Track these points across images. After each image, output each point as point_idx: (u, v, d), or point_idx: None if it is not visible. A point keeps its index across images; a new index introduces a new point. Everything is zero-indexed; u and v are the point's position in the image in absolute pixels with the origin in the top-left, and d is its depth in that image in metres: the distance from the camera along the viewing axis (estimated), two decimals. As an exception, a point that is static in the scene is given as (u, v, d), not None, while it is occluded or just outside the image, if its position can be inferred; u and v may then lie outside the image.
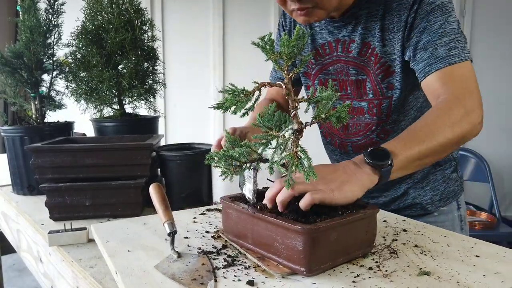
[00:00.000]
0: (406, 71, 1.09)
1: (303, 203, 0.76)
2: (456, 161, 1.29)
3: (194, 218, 1.05)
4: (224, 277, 0.72)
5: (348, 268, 0.76)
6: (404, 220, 1.04)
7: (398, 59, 1.08)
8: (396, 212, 1.19)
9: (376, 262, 0.79)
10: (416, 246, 0.87)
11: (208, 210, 1.11)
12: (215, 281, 0.71)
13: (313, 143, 1.11)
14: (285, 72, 0.77)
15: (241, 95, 0.74)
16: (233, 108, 0.74)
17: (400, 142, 0.90)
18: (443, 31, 0.99)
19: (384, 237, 0.92)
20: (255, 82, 0.76)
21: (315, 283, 0.71)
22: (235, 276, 0.73)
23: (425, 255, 0.82)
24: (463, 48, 0.99)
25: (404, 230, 0.96)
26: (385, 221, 1.03)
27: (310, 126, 0.80)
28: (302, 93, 1.33)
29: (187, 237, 0.92)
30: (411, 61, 1.04)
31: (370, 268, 0.76)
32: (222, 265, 0.77)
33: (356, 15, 1.10)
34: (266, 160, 0.82)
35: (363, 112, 1.19)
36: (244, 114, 0.75)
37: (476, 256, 0.82)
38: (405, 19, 1.04)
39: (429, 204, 1.26)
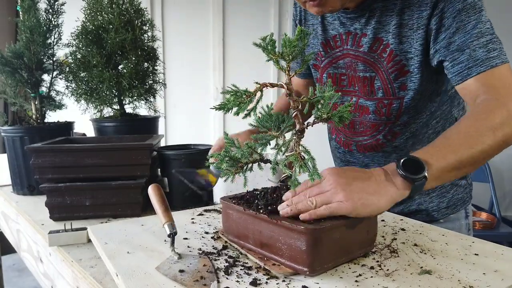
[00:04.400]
0: (424, 73, 1.03)
1: (314, 215, 0.73)
2: None
3: (192, 219, 1.05)
4: (227, 278, 0.72)
5: (350, 268, 0.76)
6: (402, 219, 1.04)
7: (415, 58, 1.02)
8: None
9: (377, 261, 0.79)
10: (415, 245, 0.87)
11: (205, 211, 1.11)
12: (218, 281, 0.70)
13: (314, 143, 1.11)
14: (287, 72, 0.77)
15: (244, 96, 0.74)
16: (235, 109, 0.74)
17: (435, 150, 0.82)
18: (479, 32, 0.92)
19: (383, 237, 0.92)
20: (256, 82, 0.76)
21: (318, 283, 0.71)
22: (237, 276, 0.72)
23: (425, 253, 0.83)
24: (501, 49, 0.93)
25: (403, 229, 0.96)
26: (383, 220, 1.03)
27: (312, 126, 0.80)
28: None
29: (186, 238, 0.91)
30: (444, 64, 0.97)
31: (372, 268, 0.76)
32: (224, 266, 0.77)
33: (371, 7, 1.04)
34: (267, 161, 0.82)
35: (368, 112, 1.14)
36: (246, 115, 0.75)
37: (475, 254, 0.82)
38: (428, 16, 0.97)
39: (435, 211, 1.20)
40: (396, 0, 1.01)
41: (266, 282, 0.71)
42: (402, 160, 0.79)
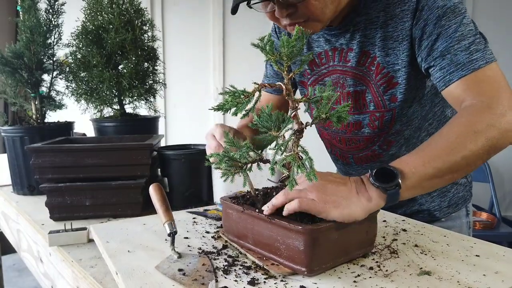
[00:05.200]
0: (411, 82, 1.02)
1: (286, 208, 0.75)
2: None
3: (194, 218, 1.05)
4: (225, 277, 0.72)
5: (349, 268, 0.76)
6: (404, 220, 1.04)
7: (403, 70, 1.00)
8: None
9: (377, 262, 0.79)
10: (416, 245, 0.87)
11: (206, 210, 1.11)
12: (216, 281, 0.70)
13: (313, 143, 1.11)
14: (285, 72, 0.77)
15: (241, 97, 0.74)
16: (233, 109, 0.74)
17: (413, 158, 0.80)
18: (461, 35, 0.90)
19: (384, 237, 0.92)
20: (255, 83, 0.76)
21: (316, 283, 0.71)
22: (236, 276, 0.73)
23: (425, 254, 0.82)
24: (485, 49, 0.89)
25: (404, 230, 0.96)
26: (384, 220, 1.03)
27: (311, 126, 0.80)
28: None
29: (187, 238, 0.92)
30: (429, 71, 0.95)
31: (371, 268, 0.76)
32: (223, 265, 0.77)
33: (354, 22, 1.03)
34: (266, 161, 0.82)
35: (360, 127, 1.12)
36: (244, 115, 0.75)
37: (476, 255, 0.82)
38: (410, 27, 0.96)
39: (437, 210, 1.20)
40: (378, 12, 1.00)
41: (264, 282, 0.71)
42: (375, 170, 0.78)
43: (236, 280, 0.71)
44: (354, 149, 1.18)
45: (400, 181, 0.76)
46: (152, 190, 0.96)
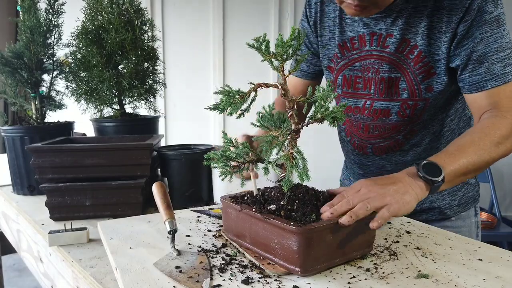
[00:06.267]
0: (447, 74, 1.05)
1: (379, 221, 0.78)
2: None
3: (199, 217, 1.06)
4: (220, 276, 0.73)
5: (345, 269, 0.76)
6: (409, 222, 1.03)
7: (442, 61, 1.04)
8: (412, 216, 1.15)
9: (375, 263, 0.79)
10: (417, 248, 0.86)
11: (210, 209, 1.11)
12: (211, 279, 0.71)
13: (311, 143, 1.11)
14: (281, 72, 0.77)
15: (237, 97, 0.74)
16: (228, 109, 0.74)
17: (449, 157, 0.91)
18: (499, 46, 0.98)
19: (386, 239, 0.91)
20: (250, 83, 0.76)
21: (309, 283, 0.71)
22: (231, 274, 0.73)
23: (426, 257, 0.81)
24: None
25: (408, 232, 0.96)
26: (389, 222, 1.02)
27: (307, 126, 0.80)
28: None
29: (188, 236, 0.92)
30: (461, 70, 1.02)
31: (368, 270, 0.76)
32: (220, 263, 0.77)
33: (399, 8, 1.04)
34: (264, 160, 0.82)
35: (388, 114, 1.13)
36: (240, 115, 0.75)
37: (479, 259, 0.81)
38: (458, 21, 0.99)
39: (448, 208, 1.23)
40: (427, 2, 1.02)
41: (258, 281, 0.71)
42: (422, 164, 0.87)
43: (230, 279, 0.72)
44: (375, 138, 1.19)
45: (444, 176, 0.87)
46: (155, 188, 0.98)
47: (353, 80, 1.17)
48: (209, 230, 0.96)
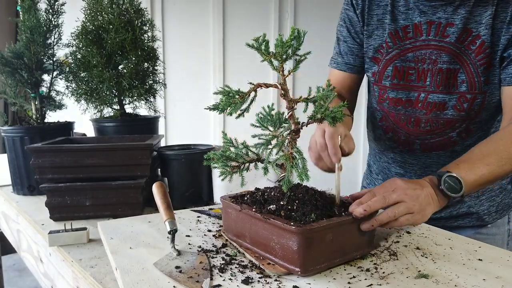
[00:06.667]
0: (500, 67, 1.02)
1: (399, 224, 0.81)
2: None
3: (199, 217, 1.06)
4: (220, 276, 0.72)
5: (345, 269, 0.76)
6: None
7: (498, 52, 0.99)
8: (446, 221, 1.14)
9: (375, 263, 0.79)
10: (417, 248, 0.86)
11: (210, 209, 1.11)
12: (211, 279, 0.71)
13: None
14: (281, 72, 0.77)
15: (236, 97, 0.74)
16: (228, 109, 0.74)
17: (471, 168, 0.89)
18: None
19: (386, 239, 0.91)
20: (250, 83, 0.76)
21: (309, 284, 0.71)
22: (231, 274, 0.73)
23: (426, 257, 0.81)
24: None
25: (408, 232, 0.96)
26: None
27: (307, 126, 0.80)
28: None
29: (188, 236, 0.92)
30: (509, 61, 0.99)
31: (368, 270, 0.76)
32: (220, 263, 0.77)
33: None
34: (264, 160, 0.82)
35: (444, 108, 1.08)
36: (239, 116, 0.75)
37: (479, 259, 0.81)
38: None
39: (486, 215, 1.18)
40: None
41: (258, 281, 0.71)
42: (444, 177, 0.86)
43: (230, 279, 0.71)
44: (426, 133, 1.13)
45: (464, 191, 0.86)
46: (155, 188, 0.98)
47: (405, 71, 1.11)
48: (209, 230, 0.96)
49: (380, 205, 0.78)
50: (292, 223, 0.72)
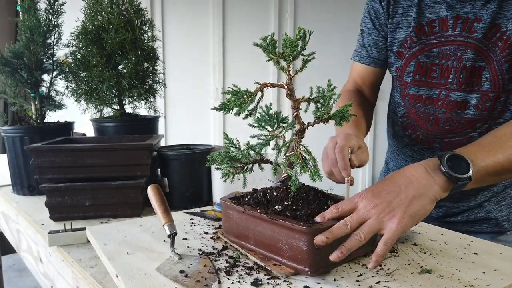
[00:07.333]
0: None
1: (378, 258, 0.68)
2: None
3: (191, 219, 1.05)
4: (228, 279, 0.72)
5: (350, 268, 0.77)
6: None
7: None
8: (462, 225, 1.07)
9: (378, 261, 0.79)
10: (415, 244, 0.88)
11: (203, 211, 1.11)
12: (219, 282, 0.70)
13: (313, 143, 1.10)
14: (287, 72, 0.76)
15: (244, 96, 0.74)
16: (236, 109, 0.74)
17: (481, 150, 0.77)
18: None
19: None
20: (257, 83, 0.76)
21: (319, 283, 0.71)
22: (238, 277, 0.72)
23: (425, 253, 0.83)
24: None
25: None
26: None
27: (313, 126, 0.80)
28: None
29: (186, 239, 0.91)
30: None
31: (373, 267, 0.76)
32: (225, 266, 0.76)
33: None
34: (267, 161, 0.82)
35: (465, 107, 1.03)
36: (247, 115, 0.75)
37: (474, 253, 0.83)
38: None
39: (505, 221, 1.12)
40: None
41: (268, 282, 0.70)
42: (447, 156, 0.72)
43: (239, 281, 0.71)
44: (446, 132, 1.08)
45: (472, 173, 0.72)
46: (151, 192, 0.95)
47: (428, 68, 1.07)
48: (206, 233, 0.95)
49: (343, 232, 0.69)
50: (302, 224, 0.72)
